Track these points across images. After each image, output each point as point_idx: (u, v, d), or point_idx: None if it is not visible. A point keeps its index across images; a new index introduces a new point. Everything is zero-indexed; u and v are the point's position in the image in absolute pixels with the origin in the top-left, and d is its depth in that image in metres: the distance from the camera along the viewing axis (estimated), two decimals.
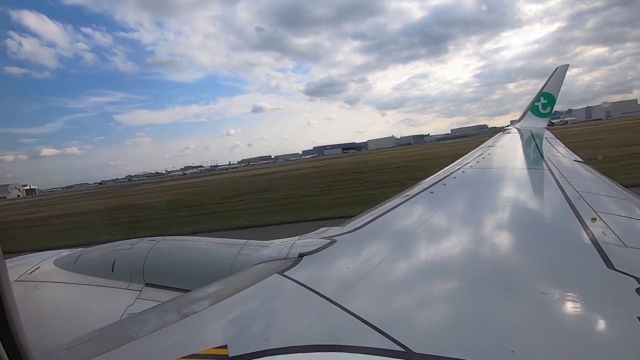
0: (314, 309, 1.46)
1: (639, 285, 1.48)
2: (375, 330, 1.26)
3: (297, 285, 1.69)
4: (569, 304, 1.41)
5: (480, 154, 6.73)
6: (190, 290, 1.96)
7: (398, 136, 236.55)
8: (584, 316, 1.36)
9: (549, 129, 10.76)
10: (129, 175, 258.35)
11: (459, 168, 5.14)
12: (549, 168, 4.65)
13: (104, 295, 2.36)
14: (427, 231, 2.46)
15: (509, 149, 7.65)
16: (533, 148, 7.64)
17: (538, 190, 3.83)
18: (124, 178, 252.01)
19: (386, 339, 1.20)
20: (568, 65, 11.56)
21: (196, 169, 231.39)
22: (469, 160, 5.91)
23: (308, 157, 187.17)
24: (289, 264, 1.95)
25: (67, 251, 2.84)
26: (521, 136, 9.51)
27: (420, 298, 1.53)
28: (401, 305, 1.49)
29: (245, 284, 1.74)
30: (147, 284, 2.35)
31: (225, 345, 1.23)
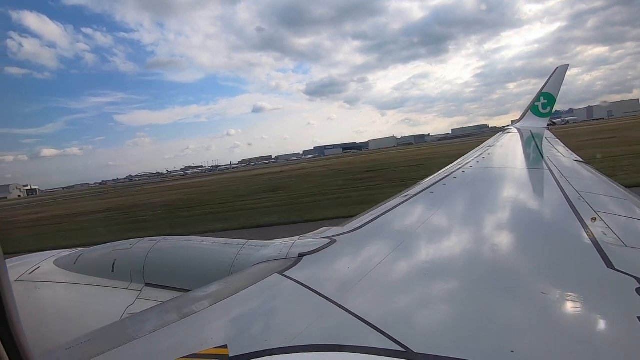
0: (314, 309, 1.46)
1: (639, 285, 1.48)
2: (375, 330, 1.26)
3: (297, 285, 1.69)
4: (569, 303, 1.41)
5: (480, 153, 6.72)
6: (190, 290, 1.96)
7: (399, 136, 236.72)
8: (584, 316, 1.36)
9: (549, 129, 10.75)
10: (130, 176, 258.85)
11: (459, 168, 5.14)
12: (549, 168, 4.65)
13: (104, 295, 2.37)
14: (427, 231, 2.46)
15: (509, 149, 7.64)
16: (533, 148, 7.63)
17: (538, 190, 3.82)
18: (124, 178, 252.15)
19: (386, 338, 1.20)
20: (568, 65, 11.55)
21: (197, 169, 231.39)
22: (469, 160, 5.91)
23: (309, 157, 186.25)
24: (289, 264, 1.95)
25: (67, 251, 2.85)
26: (521, 136, 9.50)
27: (420, 298, 1.53)
28: (401, 305, 1.49)
29: (245, 284, 1.74)
30: (147, 284, 2.35)
31: (225, 345, 1.23)
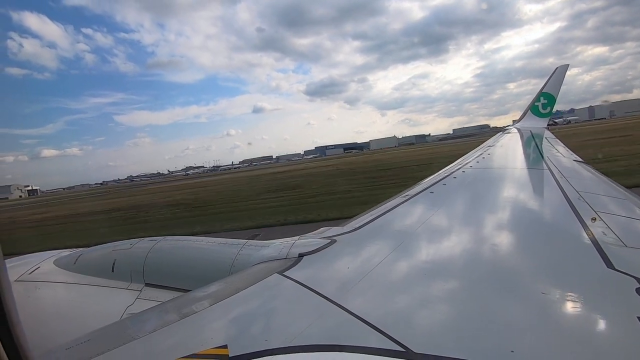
0: (314, 309, 1.46)
1: (639, 285, 1.48)
2: (375, 330, 1.26)
3: (297, 285, 1.69)
4: (569, 303, 1.41)
5: (480, 153, 6.72)
6: (190, 290, 1.96)
7: (399, 136, 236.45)
8: (584, 316, 1.36)
9: (549, 129, 10.74)
10: (131, 176, 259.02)
11: (459, 168, 5.13)
12: (548, 168, 4.64)
13: (104, 295, 2.37)
14: (427, 231, 2.46)
15: (509, 149, 7.64)
16: (533, 148, 7.62)
17: (538, 190, 3.82)
18: (125, 179, 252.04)
19: (386, 338, 1.21)
20: (568, 65, 11.55)
21: (198, 170, 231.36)
22: (469, 160, 5.91)
23: (310, 157, 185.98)
24: (289, 264, 1.95)
25: (67, 251, 2.85)
26: (521, 136, 9.49)
27: (420, 298, 1.53)
28: (401, 305, 1.49)
29: (245, 284, 1.74)
30: (147, 284, 2.35)
31: (225, 345, 1.23)
